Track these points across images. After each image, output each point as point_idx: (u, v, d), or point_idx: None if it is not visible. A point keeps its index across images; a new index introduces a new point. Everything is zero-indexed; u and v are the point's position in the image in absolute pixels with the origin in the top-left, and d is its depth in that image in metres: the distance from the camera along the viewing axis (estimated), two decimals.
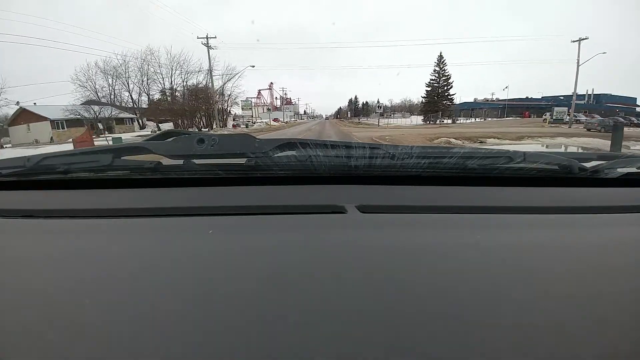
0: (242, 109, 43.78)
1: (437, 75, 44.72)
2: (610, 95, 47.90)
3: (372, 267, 0.40)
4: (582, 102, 47.46)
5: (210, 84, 28.93)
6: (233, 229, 0.50)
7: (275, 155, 0.65)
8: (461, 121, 42.97)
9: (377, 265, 0.40)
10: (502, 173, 0.64)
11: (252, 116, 48.66)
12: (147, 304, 0.34)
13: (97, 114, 27.73)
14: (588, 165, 0.66)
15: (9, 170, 0.69)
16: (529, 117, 44.54)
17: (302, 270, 0.40)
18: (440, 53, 46.98)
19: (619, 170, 0.65)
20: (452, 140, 11.69)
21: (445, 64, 44.72)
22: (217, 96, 33.66)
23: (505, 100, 49.89)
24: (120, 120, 32.57)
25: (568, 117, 30.73)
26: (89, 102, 29.70)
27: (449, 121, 40.95)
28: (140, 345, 0.29)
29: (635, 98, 45.75)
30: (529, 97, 55.66)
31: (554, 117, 31.78)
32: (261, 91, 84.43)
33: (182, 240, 0.47)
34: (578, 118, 31.60)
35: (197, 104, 31.97)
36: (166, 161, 0.68)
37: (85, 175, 0.68)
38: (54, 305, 0.35)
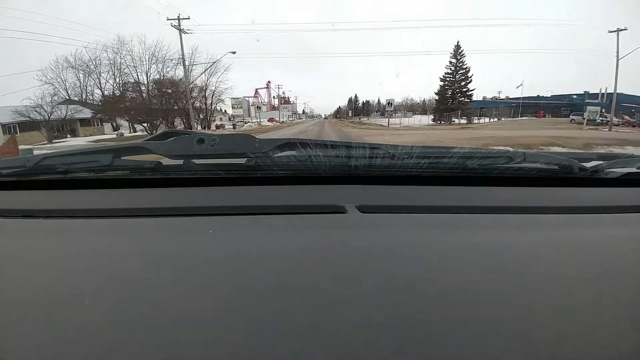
0: (233, 107, 38.32)
1: (453, 68, 37.91)
2: (624, 94, 44.13)
3: (372, 267, 0.41)
4: (596, 100, 43.69)
5: (185, 77, 22.85)
6: (233, 229, 0.51)
7: (275, 155, 0.66)
8: (474, 121, 38.17)
9: (377, 265, 0.41)
10: (502, 173, 0.65)
11: (244, 116, 43.14)
12: (147, 304, 0.35)
13: (49, 115, 23.22)
14: (588, 165, 0.67)
15: (9, 170, 0.70)
16: (544, 117, 40.72)
17: (302, 269, 0.41)
18: (458, 42, 37.52)
19: (619, 170, 0.66)
20: (510, 149, 7.85)
21: (463, 55, 37.67)
22: (196, 91, 28.44)
23: (519, 98, 45.73)
24: (86, 122, 28.40)
25: (601, 119, 26.61)
26: (65, 102, 26.34)
27: (462, 121, 36.16)
28: (140, 345, 0.30)
29: None
30: (540, 95, 51.72)
31: (589, 118, 27.51)
32: (258, 90, 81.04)
33: (182, 240, 0.48)
34: (609, 119, 27.42)
35: (167, 99, 26.03)
36: (166, 161, 0.69)
37: (85, 175, 0.69)
38: (54, 305, 0.35)
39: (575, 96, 45.55)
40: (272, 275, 0.39)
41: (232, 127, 34.71)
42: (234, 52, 23.31)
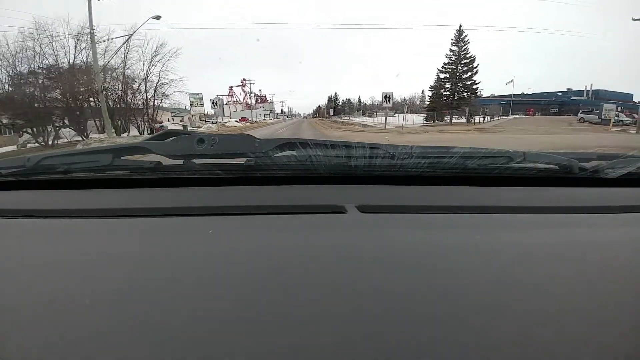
0: (191, 104, 30.81)
1: (455, 57, 29.79)
2: (606, 91, 41.92)
3: (372, 267, 0.40)
4: (582, 97, 40.19)
5: (93, 57, 14.92)
6: (233, 229, 0.51)
7: (275, 155, 0.65)
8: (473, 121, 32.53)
9: (377, 265, 0.40)
10: (502, 173, 0.64)
11: (217, 115, 34.91)
12: (147, 304, 0.34)
13: None
14: (588, 165, 0.66)
15: (9, 170, 0.70)
16: (534, 115, 37.32)
17: (302, 270, 0.40)
18: (460, 26, 29.45)
19: (619, 170, 0.65)
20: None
21: (466, 42, 29.30)
22: (120, 82, 19.44)
23: (510, 95, 42.43)
24: None
25: (616, 117, 22.52)
26: None
27: (462, 120, 29.09)
28: (140, 345, 0.29)
29: (632, 94, 40.90)
30: (523, 92, 49.11)
31: (609, 117, 23.16)
32: (233, 88, 74.31)
33: (182, 240, 0.47)
34: (621, 118, 23.29)
35: (66, 91, 16.65)
36: (166, 161, 0.68)
37: (85, 175, 0.69)
38: (54, 305, 0.35)
39: (559, 93, 44.70)
40: (272, 275, 0.38)
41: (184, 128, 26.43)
42: (158, 18, 15.93)
